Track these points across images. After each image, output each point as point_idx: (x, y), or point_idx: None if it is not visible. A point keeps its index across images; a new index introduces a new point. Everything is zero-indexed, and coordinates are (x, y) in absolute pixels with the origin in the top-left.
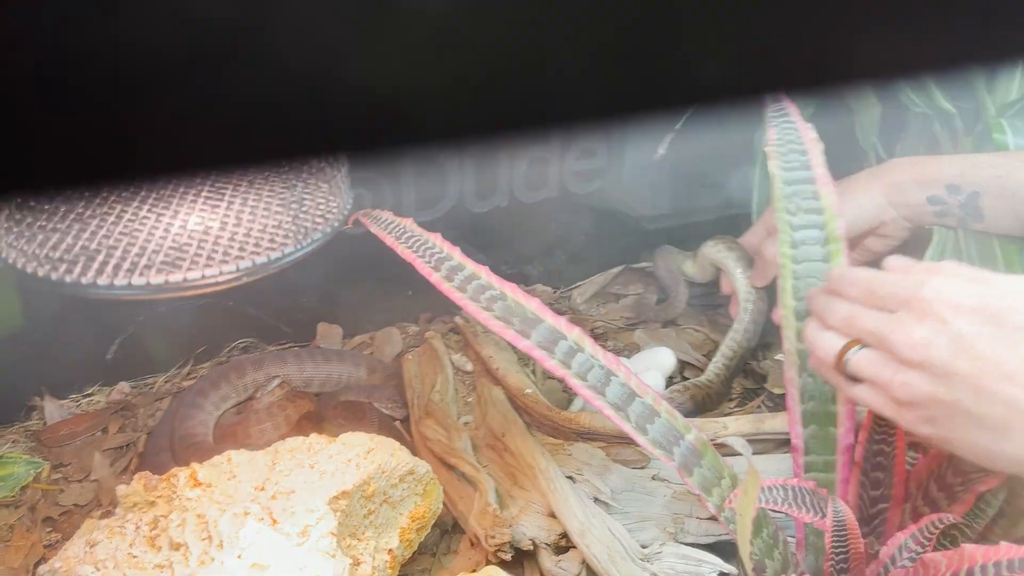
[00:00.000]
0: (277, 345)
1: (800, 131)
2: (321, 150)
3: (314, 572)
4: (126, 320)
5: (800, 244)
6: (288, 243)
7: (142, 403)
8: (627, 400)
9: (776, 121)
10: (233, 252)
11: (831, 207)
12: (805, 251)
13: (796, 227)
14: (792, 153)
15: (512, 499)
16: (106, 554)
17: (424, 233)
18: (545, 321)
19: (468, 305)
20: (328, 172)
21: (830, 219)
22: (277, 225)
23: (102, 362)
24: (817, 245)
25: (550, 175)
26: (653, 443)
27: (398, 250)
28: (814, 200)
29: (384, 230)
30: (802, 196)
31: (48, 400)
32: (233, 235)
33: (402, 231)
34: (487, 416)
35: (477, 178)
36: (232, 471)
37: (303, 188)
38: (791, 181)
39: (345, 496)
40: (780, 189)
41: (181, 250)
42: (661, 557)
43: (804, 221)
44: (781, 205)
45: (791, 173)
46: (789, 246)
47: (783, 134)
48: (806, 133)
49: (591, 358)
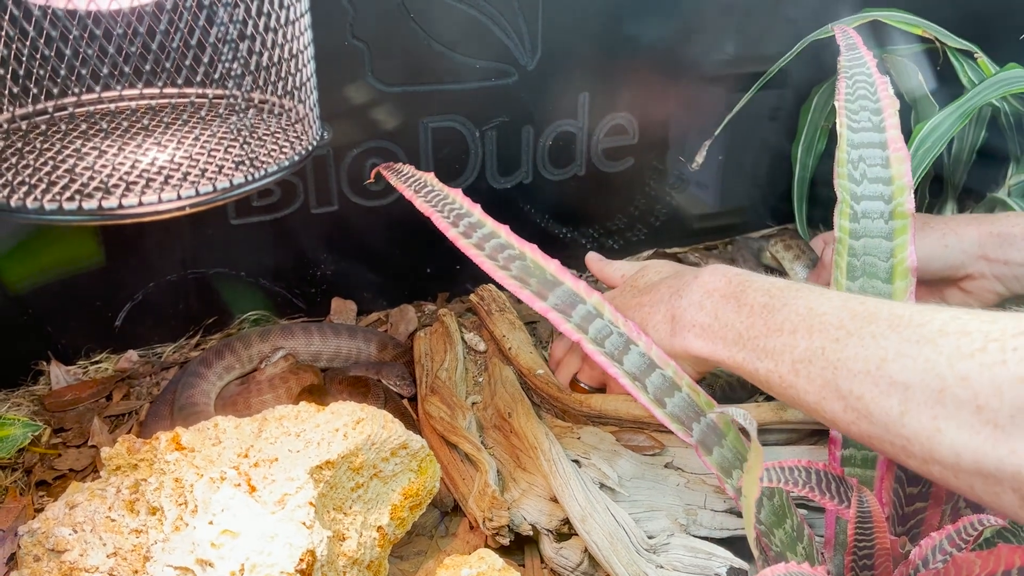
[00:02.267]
0: (289, 319)
1: (877, 86)
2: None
3: (285, 541)
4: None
5: (862, 217)
6: (237, 173)
7: (148, 372)
8: (646, 371)
9: (849, 71)
10: (175, 179)
11: (901, 177)
12: (866, 226)
13: (859, 198)
14: (863, 112)
15: (515, 482)
16: (84, 516)
17: (445, 188)
18: (564, 284)
19: (485, 263)
20: (288, 104)
21: (899, 191)
22: (224, 153)
23: (111, 329)
24: (880, 220)
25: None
26: (671, 417)
27: (416, 203)
28: (883, 168)
29: (404, 183)
30: (869, 162)
31: (55, 365)
32: (175, 161)
33: (422, 184)
34: (496, 396)
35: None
36: (217, 436)
37: (255, 117)
38: (858, 144)
39: (329, 466)
40: (845, 152)
41: (118, 175)
42: (668, 549)
43: (869, 191)
44: (844, 171)
45: (859, 135)
46: (849, 219)
47: (855, 87)
48: (883, 89)
49: (609, 324)
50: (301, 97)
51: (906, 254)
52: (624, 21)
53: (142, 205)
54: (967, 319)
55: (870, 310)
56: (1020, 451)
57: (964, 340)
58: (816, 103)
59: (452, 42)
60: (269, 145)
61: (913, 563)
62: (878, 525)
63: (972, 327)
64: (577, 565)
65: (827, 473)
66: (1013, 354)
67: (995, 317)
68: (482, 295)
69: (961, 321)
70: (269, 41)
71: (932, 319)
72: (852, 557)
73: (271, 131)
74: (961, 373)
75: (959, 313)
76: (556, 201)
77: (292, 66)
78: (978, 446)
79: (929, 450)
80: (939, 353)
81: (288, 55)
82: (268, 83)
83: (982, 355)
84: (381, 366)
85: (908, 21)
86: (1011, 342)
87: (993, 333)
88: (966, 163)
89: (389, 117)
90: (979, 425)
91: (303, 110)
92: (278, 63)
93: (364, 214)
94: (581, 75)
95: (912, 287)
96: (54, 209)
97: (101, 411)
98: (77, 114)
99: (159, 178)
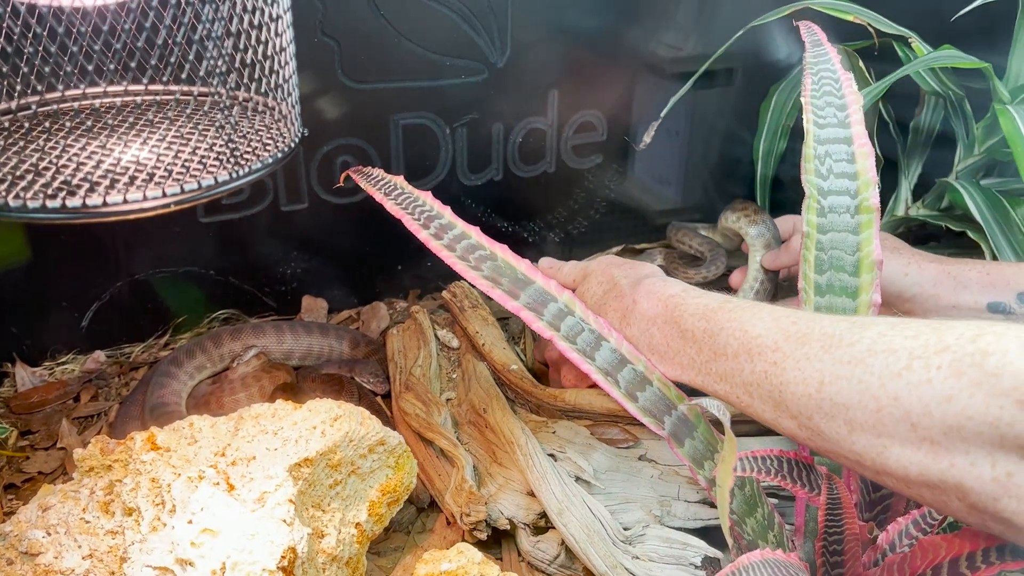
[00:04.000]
0: (259, 317)
1: (842, 82)
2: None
3: (266, 539)
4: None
5: (828, 212)
6: (222, 170)
7: (117, 372)
8: (618, 366)
9: (815, 67)
10: (160, 176)
11: (866, 172)
12: (833, 220)
13: (825, 193)
14: (829, 107)
15: (491, 477)
16: (58, 519)
17: (415, 191)
18: (535, 282)
19: (456, 264)
20: (270, 102)
21: (864, 186)
22: (209, 150)
23: (77, 330)
24: (847, 214)
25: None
26: (643, 411)
27: (387, 206)
28: (848, 163)
29: (374, 186)
30: (835, 157)
31: (20, 366)
32: (160, 158)
33: (392, 188)
34: (470, 392)
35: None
36: (193, 436)
37: (239, 114)
38: (825, 140)
39: (308, 463)
40: (812, 148)
41: (102, 173)
42: (644, 540)
43: (835, 186)
44: (811, 167)
45: (826, 131)
46: (816, 213)
47: (821, 83)
48: (847, 85)
49: (581, 321)
50: (283, 95)
51: (872, 248)
52: (593, 20)
53: (127, 203)
54: (892, 335)
55: (802, 330)
56: (959, 464)
57: (891, 359)
58: (776, 101)
59: (422, 39)
60: (253, 142)
61: (881, 547)
62: (848, 512)
63: (897, 344)
64: (554, 558)
65: (798, 462)
66: (937, 372)
67: (917, 331)
68: (454, 292)
69: (887, 338)
70: (253, 38)
71: (861, 337)
72: (823, 543)
73: (254, 128)
74: (892, 393)
75: (885, 329)
76: (525, 197)
77: (275, 63)
78: (920, 460)
79: (880, 464)
80: (871, 374)
81: (271, 52)
82: (252, 80)
83: (908, 374)
84: (354, 363)
85: (841, 8)
86: (934, 360)
87: (916, 350)
88: (921, 152)
89: (360, 114)
90: (917, 441)
91: (285, 108)
92: (262, 60)
93: (334, 211)
94: (550, 73)
95: (877, 280)
96: (37, 207)
97: (69, 412)
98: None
99: (143, 175)
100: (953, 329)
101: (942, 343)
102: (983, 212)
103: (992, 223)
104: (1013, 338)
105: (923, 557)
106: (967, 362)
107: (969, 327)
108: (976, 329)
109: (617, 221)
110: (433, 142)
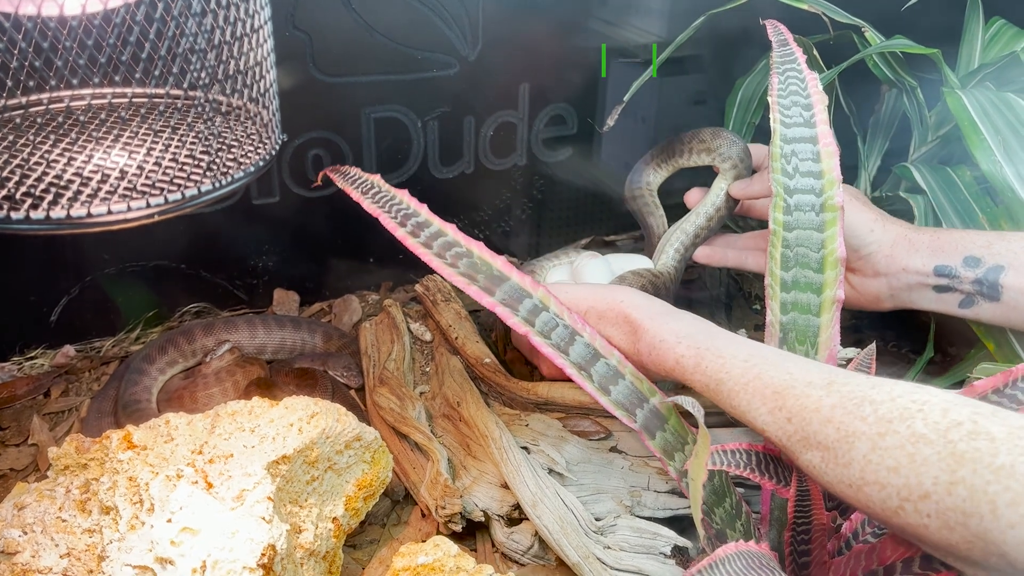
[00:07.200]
0: (231, 311)
1: (807, 81)
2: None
3: (246, 536)
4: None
5: (794, 210)
6: (205, 180)
7: (87, 367)
8: (591, 360)
9: (781, 67)
10: (143, 187)
11: (831, 171)
12: (799, 218)
13: (792, 191)
14: (795, 107)
15: (465, 470)
16: (34, 518)
17: (391, 189)
18: (510, 279)
19: (433, 261)
20: (252, 110)
21: (828, 185)
22: (192, 160)
23: (47, 324)
24: (812, 212)
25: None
26: (615, 404)
27: (364, 205)
28: (814, 162)
29: (351, 185)
30: (801, 156)
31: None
32: (143, 169)
33: (369, 186)
34: (444, 385)
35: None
36: (170, 433)
37: (222, 124)
38: (791, 139)
39: (285, 460)
40: (779, 147)
41: (86, 183)
42: (615, 530)
43: (801, 185)
44: (778, 165)
45: (792, 130)
46: (782, 212)
47: (787, 83)
48: (813, 85)
49: (555, 317)
50: (265, 103)
51: (836, 245)
52: (563, 13)
53: (111, 214)
54: (808, 365)
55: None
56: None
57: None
58: (741, 98)
59: (394, 33)
60: (235, 151)
61: (844, 536)
62: (816, 503)
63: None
64: (528, 548)
65: (766, 455)
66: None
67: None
68: (427, 285)
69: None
70: (236, 48)
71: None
72: (791, 533)
73: (236, 136)
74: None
75: (800, 361)
76: (496, 190)
77: (258, 72)
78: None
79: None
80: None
81: (255, 61)
82: (235, 90)
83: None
84: (327, 357)
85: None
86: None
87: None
88: (881, 144)
89: (331, 108)
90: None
91: (267, 115)
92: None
93: (305, 204)
94: (521, 66)
95: (841, 276)
96: (21, 219)
97: (40, 408)
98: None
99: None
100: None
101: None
102: (927, 179)
103: (935, 187)
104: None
105: (893, 548)
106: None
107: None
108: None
109: (587, 211)
110: (405, 135)
